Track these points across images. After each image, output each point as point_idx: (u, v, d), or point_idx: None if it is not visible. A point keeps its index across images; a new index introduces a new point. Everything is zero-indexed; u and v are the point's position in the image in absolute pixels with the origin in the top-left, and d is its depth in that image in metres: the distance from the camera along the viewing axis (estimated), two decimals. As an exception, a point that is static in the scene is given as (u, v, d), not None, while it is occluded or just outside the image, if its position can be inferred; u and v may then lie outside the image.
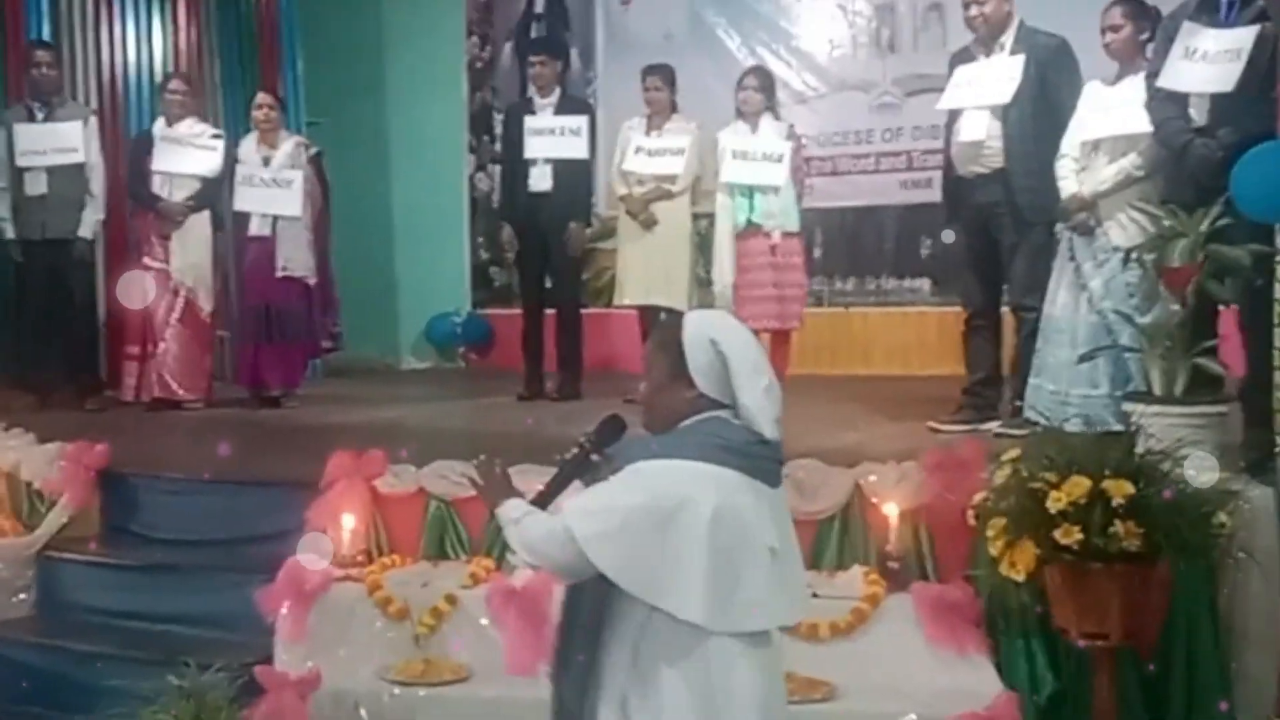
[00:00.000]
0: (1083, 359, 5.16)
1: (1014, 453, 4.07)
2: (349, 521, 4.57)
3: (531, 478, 4.51)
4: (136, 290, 7.30)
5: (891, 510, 4.37)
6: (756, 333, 6.99)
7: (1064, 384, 5.39)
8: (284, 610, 4.35)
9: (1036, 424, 5.40)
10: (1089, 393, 5.30)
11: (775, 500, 2.80)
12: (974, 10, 5.92)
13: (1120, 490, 3.73)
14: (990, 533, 3.96)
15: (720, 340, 2.76)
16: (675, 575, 2.62)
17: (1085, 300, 5.39)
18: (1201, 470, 3.85)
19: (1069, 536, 3.74)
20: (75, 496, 5.21)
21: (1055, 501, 3.77)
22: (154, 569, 4.93)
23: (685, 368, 2.76)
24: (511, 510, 2.85)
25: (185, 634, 4.65)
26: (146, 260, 7.40)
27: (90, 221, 7.39)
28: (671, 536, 2.61)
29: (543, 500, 2.94)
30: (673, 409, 2.78)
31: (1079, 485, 3.78)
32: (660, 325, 2.97)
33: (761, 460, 2.75)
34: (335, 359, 9.26)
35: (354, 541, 4.57)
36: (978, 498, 4.17)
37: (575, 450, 2.94)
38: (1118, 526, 3.71)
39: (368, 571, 4.46)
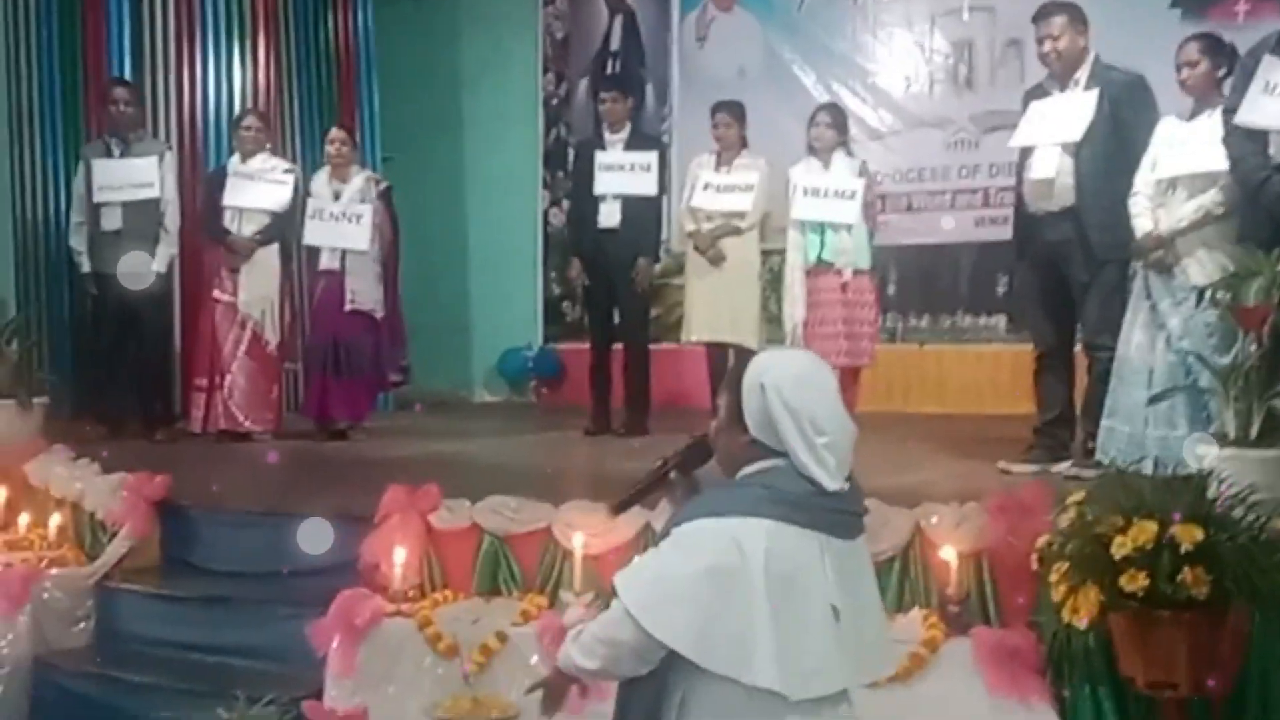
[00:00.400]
0: (1154, 399, 5.02)
1: (1079, 495, 3.93)
2: (401, 556, 4.53)
3: (581, 514, 4.57)
4: (205, 324, 7.37)
5: (951, 553, 4.25)
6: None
7: (1140, 425, 5.24)
8: (334, 645, 4.32)
9: (1109, 466, 5.26)
10: (1167, 434, 5.14)
11: (848, 553, 2.64)
12: (1048, 46, 5.81)
13: (1189, 536, 3.58)
14: (1053, 577, 3.82)
15: (770, 386, 2.59)
16: (744, 640, 2.48)
17: (1163, 340, 5.24)
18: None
19: (1134, 583, 3.59)
20: (135, 528, 5.24)
21: (1120, 546, 3.63)
22: (209, 601, 4.93)
23: (741, 412, 2.63)
24: (567, 638, 2.72)
25: (238, 666, 4.65)
26: (215, 293, 7.49)
27: (164, 256, 7.47)
28: (733, 599, 2.48)
29: (618, 509, 3.02)
30: (731, 454, 2.67)
31: (1145, 530, 3.63)
32: (736, 363, 2.83)
33: (825, 512, 2.59)
34: (408, 392, 9.28)
35: (406, 576, 4.53)
36: (1041, 541, 4.04)
37: (658, 464, 2.88)
38: (1185, 573, 3.56)
39: (418, 607, 4.42)
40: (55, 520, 5.40)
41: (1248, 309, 4.33)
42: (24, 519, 5.54)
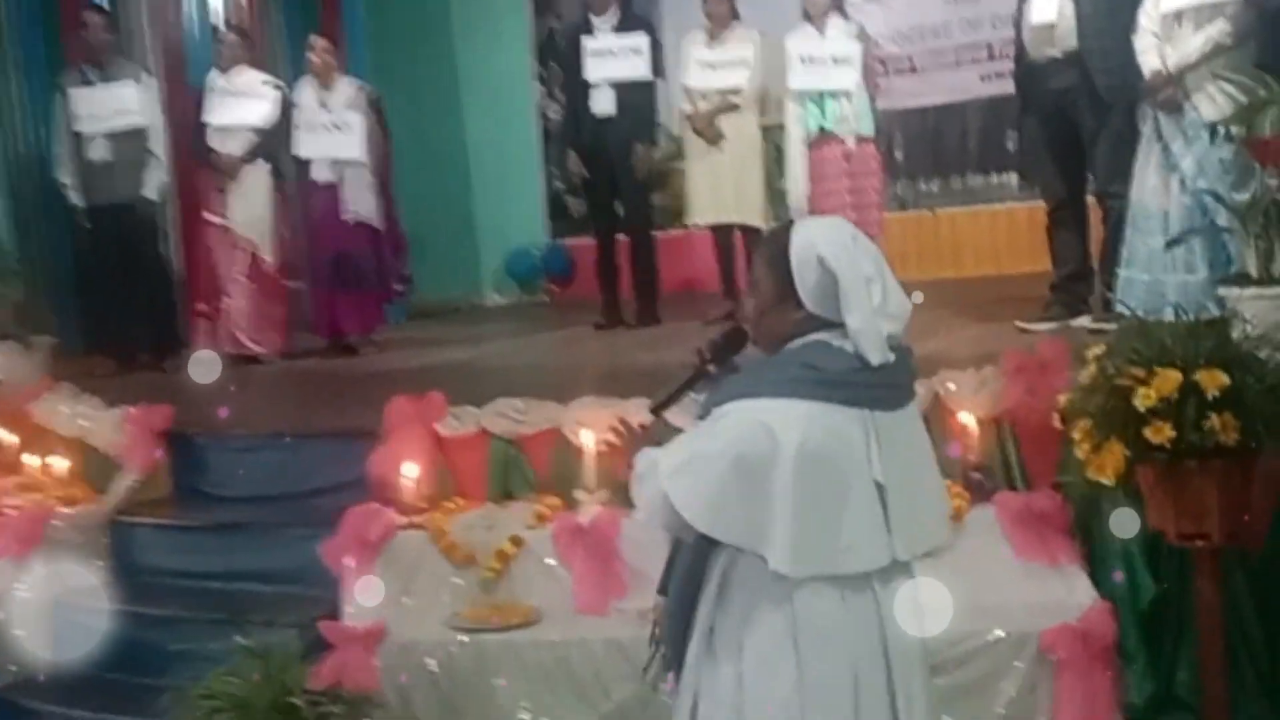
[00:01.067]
0: (1171, 244, 4.86)
1: (1098, 349, 3.78)
2: (410, 469, 4.44)
3: (590, 410, 4.46)
4: (200, 245, 7.25)
5: (970, 419, 4.13)
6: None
7: (1159, 271, 5.09)
8: (349, 562, 4.24)
9: (1130, 316, 5.12)
10: (1186, 279, 5.01)
11: (896, 424, 2.56)
12: (1042, -118, 5.57)
13: (1214, 381, 3.44)
14: (1076, 435, 3.71)
15: (829, 257, 2.50)
16: (764, 523, 2.45)
17: (1177, 181, 5.07)
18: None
19: (1160, 435, 3.47)
20: (140, 460, 5.14)
21: (1144, 399, 3.50)
22: (222, 529, 4.87)
23: (793, 287, 2.54)
24: (639, 463, 2.64)
25: (255, 592, 4.60)
26: (207, 216, 7.33)
27: (154, 182, 7.28)
28: (759, 484, 2.44)
29: (657, 410, 2.85)
30: (779, 330, 2.58)
31: (1169, 379, 3.49)
32: (766, 239, 2.73)
33: (868, 388, 2.52)
34: (419, 301, 9.17)
35: (417, 488, 4.44)
36: (1063, 400, 3.91)
37: (695, 361, 2.80)
38: (1213, 420, 3.43)
39: (431, 518, 4.33)
40: (61, 459, 5.31)
41: (1263, 141, 4.16)
42: (33, 460, 5.44)
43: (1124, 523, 3.77)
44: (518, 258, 10.16)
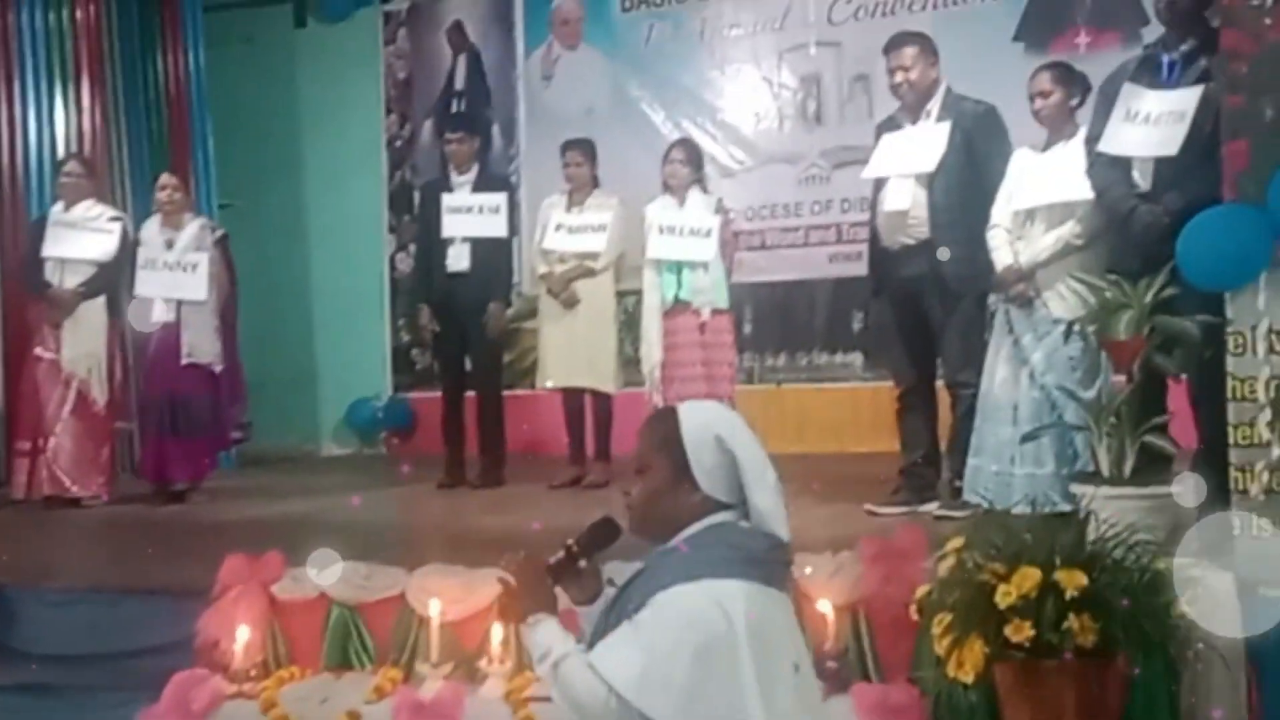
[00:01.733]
0: (1025, 438, 4.92)
1: (957, 542, 3.78)
2: (242, 632, 4.20)
3: (438, 578, 4.29)
4: (27, 383, 6.93)
5: (828, 606, 4.07)
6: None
7: (1007, 463, 5.15)
8: (170, 733, 3.97)
9: (978, 506, 5.17)
10: (1034, 472, 5.07)
11: (788, 607, 2.57)
12: (899, 77, 5.73)
13: (1073, 582, 3.45)
14: (936, 630, 3.66)
15: (727, 437, 2.51)
16: (737, 715, 2.35)
17: (1026, 375, 5.16)
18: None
19: (1020, 634, 3.45)
20: (-55, 611, 4.79)
21: (1005, 596, 3.49)
22: (32, 690, 4.50)
23: (689, 469, 2.50)
24: (552, 640, 2.48)
25: (65, 762, 4.25)
26: (38, 351, 7.02)
27: (-23, 310, 7.01)
28: (724, 670, 2.35)
29: (514, 613, 2.64)
30: (675, 515, 2.52)
31: (1029, 577, 3.49)
32: (651, 423, 2.66)
33: (778, 566, 2.55)
34: (253, 448, 8.90)
35: (248, 654, 4.20)
36: (920, 591, 3.88)
37: (561, 555, 2.63)
38: (1072, 621, 3.43)
39: (261, 687, 4.09)
40: None
41: (1119, 343, 4.25)
42: None
43: None
44: (358, 408, 9.97)
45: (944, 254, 5.48)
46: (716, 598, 2.35)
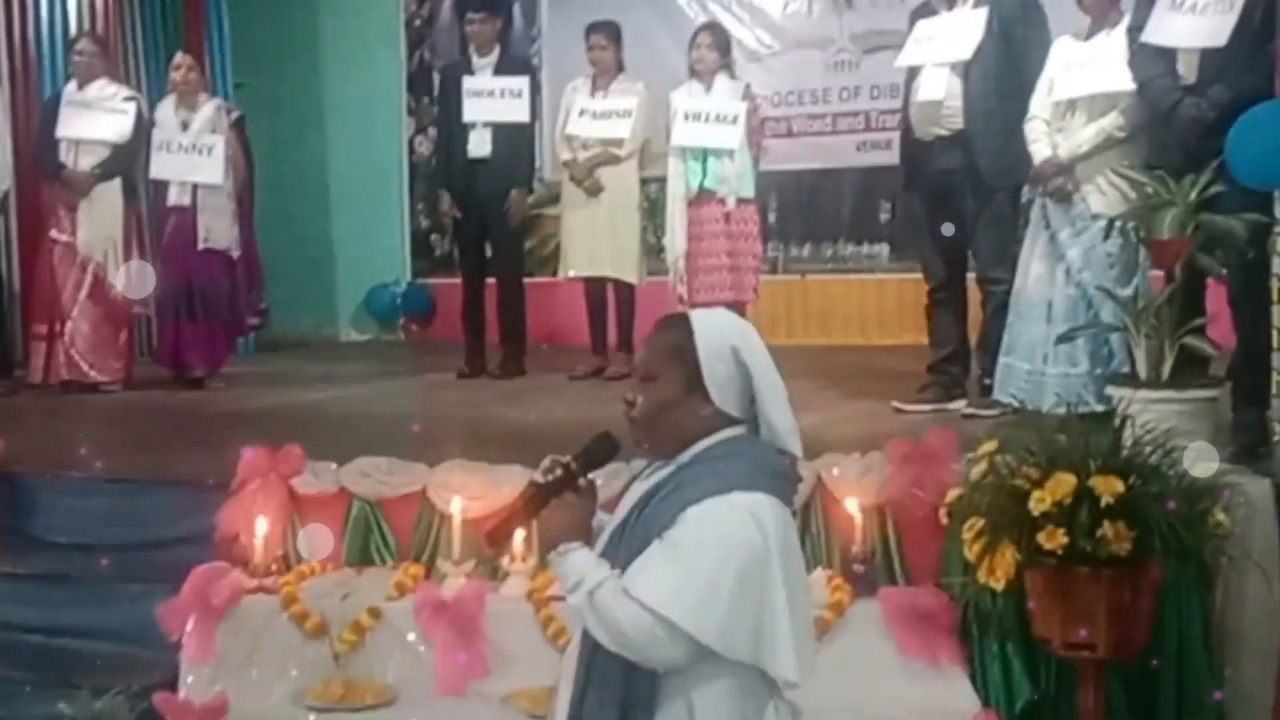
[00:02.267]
0: (1061, 339, 4.81)
1: (990, 445, 3.69)
2: (261, 526, 4.14)
3: (459, 474, 4.23)
4: (43, 266, 6.84)
5: (855, 508, 4.00)
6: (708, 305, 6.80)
7: (1039, 362, 5.04)
8: (189, 627, 3.93)
9: (1008, 405, 5.08)
10: (1067, 371, 4.97)
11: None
12: (936, -40, 5.53)
13: (1109, 488, 3.36)
14: (966, 535, 3.60)
15: (743, 349, 2.37)
16: (767, 632, 2.27)
17: (1062, 272, 5.03)
18: (1200, 463, 3.48)
19: (1053, 541, 3.37)
20: (-38, 499, 4.74)
21: (1038, 502, 3.40)
22: (49, 578, 4.45)
23: (701, 380, 2.36)
24: (586, 569, 2.30)
25: (82, 651, 4.19)
26: (53, 233, 6.90)
27: (-8, 193, 6.89)
28: (760, 590, 2.26)
29: (505, 529, 2.52)
30: (684, 428, 2.38)
31: (1064, 483, 3.40)
32: (661, 330, 2.48)
33: (792, 482, 2.45)
34: (270, 333, 8.84)
35: (268, 548, 4.15)
36: (951, 495, 3.81)
37: (560, 472, 2.43)
38: (1106, 529, 3.35)
39: (282, 582, 4.04)
40: None
41: (1162, 242, 4.12)
42: None
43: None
44: (377, 294, 9.89)
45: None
46: (751, 511, 2.25)
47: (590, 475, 2.46)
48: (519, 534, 3.93)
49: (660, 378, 2.40)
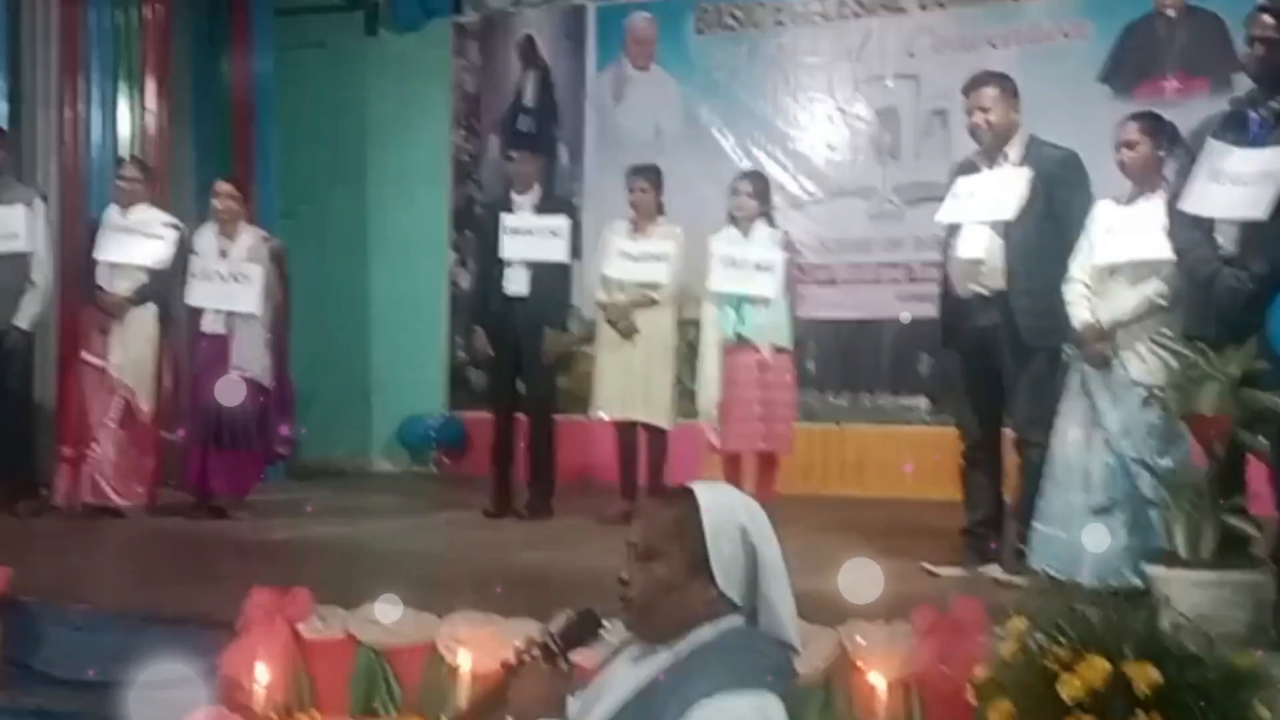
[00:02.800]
0: (1097, 511, 4.66)
1: (1019, 623, 3.54)
2: (263, 672, 4.03)
3: (469, 627, 4.11)
4: (73, 386, 6.84)
5: (879, 681, 3.84)
6: (739, 456, 6.69)
7: (1075, 532, 4.87)
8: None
9: (1042, 574, 4.92)
10: (1104, 542, 4.78)
11: None
12: (979, 117, 5.47)
13: (1144, 677, 3.20)
14: (993, 717, 3.43)
15: (751, 529, 2.24)
16: None
17: (1100, 439, 4.89)
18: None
19: (1084, 730, 3.21)
20: (-32, 628, 4.65)
21: (1069, 688, 3.24)
22: (46, 715, 4.37)
23: (707, 561, 2.22)
24: None
25: (74, 796, 4.09)
26: (85, 355, 6.93)
27: (29, 312, 6.91)
28: None
29: (478, 715, 2.42)
30: (686, 612, 2.24)
31: (1097, 669, 3.24)
32: (663, 503, 2.36)
33: (791, 679, 2.30)
34: (303, 460, 8.78)
35: (270, 695, 4.03)
36: (978, 672, 3.64)
37: (537, 651, 2.34)
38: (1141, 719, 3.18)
39: (280, 733, 3.92)
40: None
41: (1202, 418, 3.98)
42: None
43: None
44: (411, 425, 9.84)
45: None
46: (765, 713, 2.12)
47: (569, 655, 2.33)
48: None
49: (662, 556, 2.26)
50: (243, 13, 9.31)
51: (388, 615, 4.16)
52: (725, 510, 2.26)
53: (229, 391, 6.90)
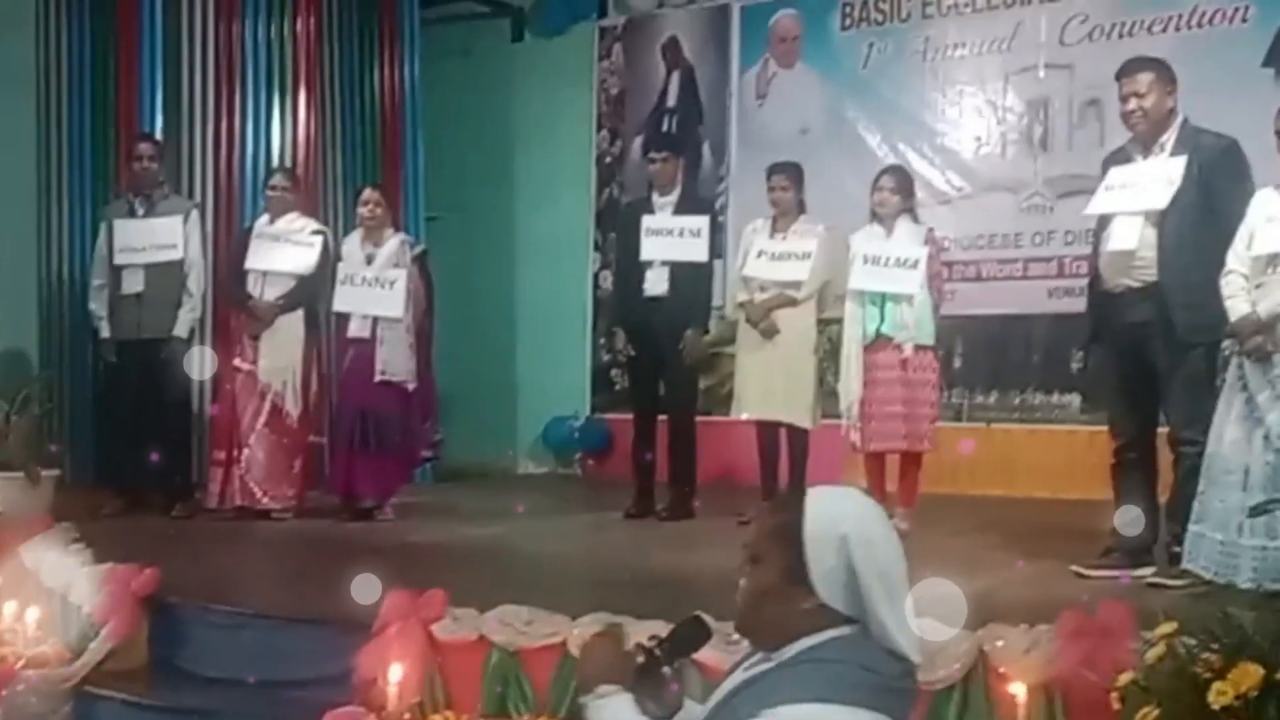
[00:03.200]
0: (1255, 511, 4.45)
1: (1169, 627, 3.39)
2: (397, 672, 4.05)
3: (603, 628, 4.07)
4: (224, 391, 7.00)
5: (1020, 687, 3.71)
6: (883, 456, 6.56)
7: (1233, 533, 4.65)
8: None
9: (1198, 576, 4.72)
10: (1265, 544, 4.56)
11: None
12: (1133, 104, 5.26)
13: (1301, 683, 3.04)
14: (1139, 725, 3.29)
15: (854, 539, 2.13)
16: None
17: (1260, 437, 4.65)
18: None
19: (1235, 738, 3.06)
20: (118, 626, 4.74)
21: (1219, 695, 3.09)
22: (190, 714, 4.46)
23: (805, 569, 2.15)
24: None
25: (217, 791, 4.17)
26: (236, 362, 7.10)
27: (186, 321, 7.13)
28: None
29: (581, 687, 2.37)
30: (784, 622, 2.16)
31: (1249, 675, 3.09)
32: (776, 505, 2.33)
33: (910, 695, 2.18)
34: (449, 462, 8.87)
35: (403, 694, 4.05)
36: (1124, 678, 3.49)
37: (643, 658, 2.31)
38: (1296, 728, 3.02)
39: (415, 731, 3.93)
40: (33, 613, 4.96)
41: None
42: (9, 607, 5.08)
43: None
44: (555, 427, 9.89)
45: None
46: None
47: (682, 660, 2.29)
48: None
49: (764, 561, 2.19)
50: (391, 22, 9.47)
51: (519, 617, 4.15)
52: (827, 519, 2.16)
53: (374, 396, 7.00)
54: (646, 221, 7.12)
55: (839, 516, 2.17)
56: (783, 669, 2.15)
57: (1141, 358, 5.24)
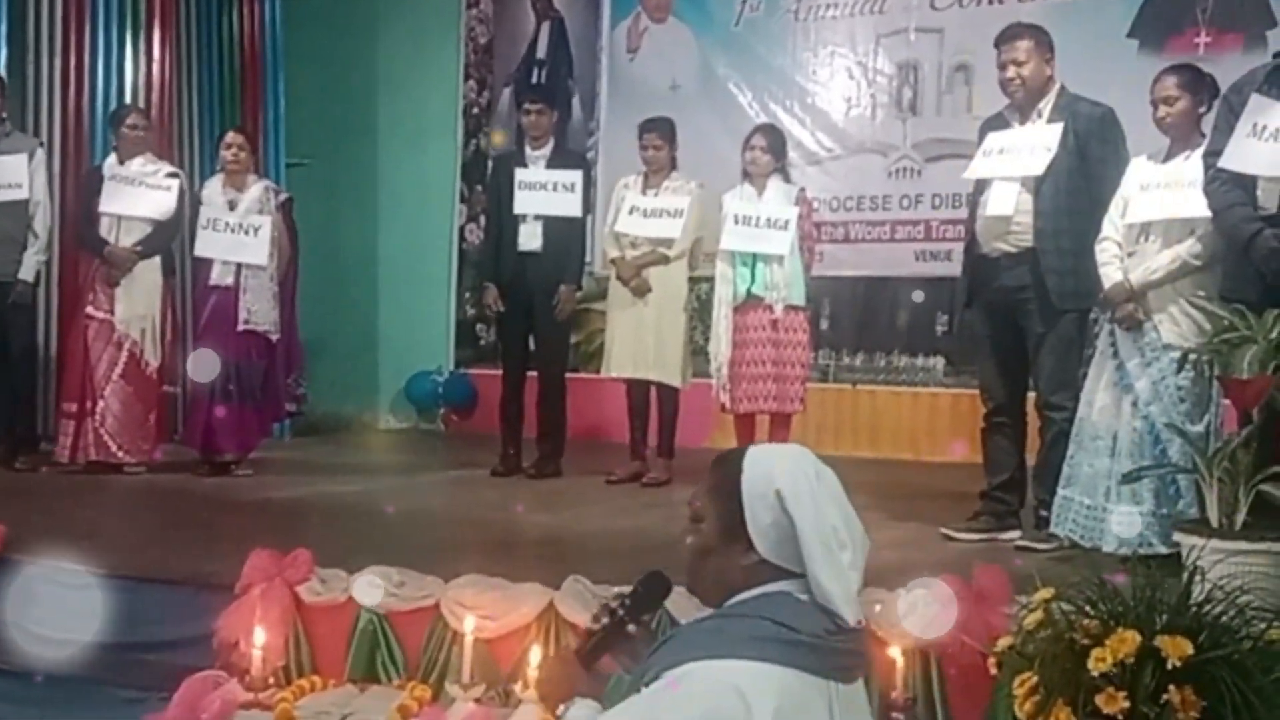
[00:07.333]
0: (1125, 479, 4.51)
1: (1046, 593, 3.39)
2: (261, 635, 3.90)
3: (475, 591, 3.98)
4: (76, 342, 6.70)
5: (897, 651, 3.71)
6: (753, 417, 6.54)
7: (1101, 498, 4.73)
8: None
9: (1064, 539, 4.79)
10: (1131, 509, 4.63)
11: (850, 698, 2.19)
12: (1012, 71, 5.26)
13: (1177, 650, 3.05)
14: (1018, 691, 3.29)
15: (789, 496, 2.14)
16: None
17: (1129, 403, 4.72)
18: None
19: (1114, 705, 3.06)
20: (-46, 586, 4.52)
21: (1098, 661, 3.10)
22: (41, 678, 4.24)
23: (744, 526, 2.16)
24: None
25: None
26: (89, 309, 6.78)
27: (31, 263, 6.79)
28: None
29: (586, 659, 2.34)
30: (725, 578, 2.19)
31: (1126, 641, 3.10)
32: (714, 464, 2.29)
33: (836, 654, 2.15)
34: (309, 417, 8.64)
35: (268, 659, 3.91)
36: (1002, 643, 3.50)
37: (606, 619, 2.32)
38: (1173, 694, 3.04)
39: (279, 698, 3.79)
40: None
41: (1240, 381, 3.82)
42: None
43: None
44: (418, 381, 9.70)
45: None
46: (737, 682, 2.01)
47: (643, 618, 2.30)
48: (535, 656, 3.70)
49: (706, 519, 2.21)
50: (251, -40, 9.12)
51: (389, 579, 4.03)
52: (763, 475, 2.17)
53: (236, 346, 6.78)
54: (520, 175, 6.97)
55: (775, 473, 2.17)
56: (696, 625, 2.17)
57: (1014, 323, 5.28)
